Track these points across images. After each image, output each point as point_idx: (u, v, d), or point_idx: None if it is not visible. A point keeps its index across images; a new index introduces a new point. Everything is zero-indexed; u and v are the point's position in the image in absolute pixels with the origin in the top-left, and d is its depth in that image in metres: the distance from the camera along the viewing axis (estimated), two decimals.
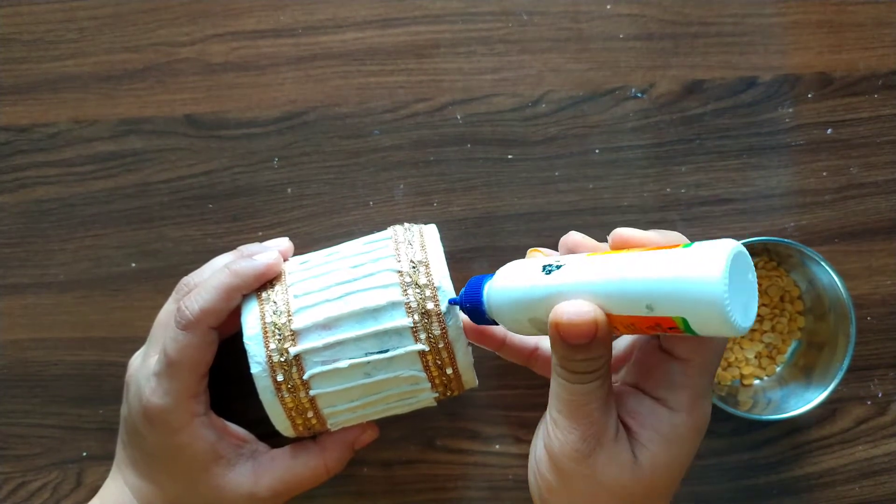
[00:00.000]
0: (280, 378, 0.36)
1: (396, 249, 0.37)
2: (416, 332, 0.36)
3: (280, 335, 0.36)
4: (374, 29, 0.47)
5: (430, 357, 0.36)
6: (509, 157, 0.47)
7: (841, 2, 0.47)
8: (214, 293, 0.36)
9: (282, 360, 0.36)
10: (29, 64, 0.47)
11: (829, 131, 0.47)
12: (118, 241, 0.47)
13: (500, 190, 0.47)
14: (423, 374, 0.37)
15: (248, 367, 0.37)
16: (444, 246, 0.38)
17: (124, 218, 0.47)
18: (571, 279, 0.30)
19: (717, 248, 0.27)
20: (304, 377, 0.36)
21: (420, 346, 0.36)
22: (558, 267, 0.31)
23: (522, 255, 0.46)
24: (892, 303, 0.47)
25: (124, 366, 0.41)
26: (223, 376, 0.42)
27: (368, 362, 0.36)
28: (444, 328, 0.36)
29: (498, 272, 0.34)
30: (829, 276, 0.43)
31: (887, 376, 0.47)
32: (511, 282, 0.33)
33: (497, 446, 0.46)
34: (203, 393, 0.38)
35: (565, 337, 0.30)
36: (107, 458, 0.46)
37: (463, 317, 0.37)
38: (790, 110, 0.47)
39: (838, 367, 0.42)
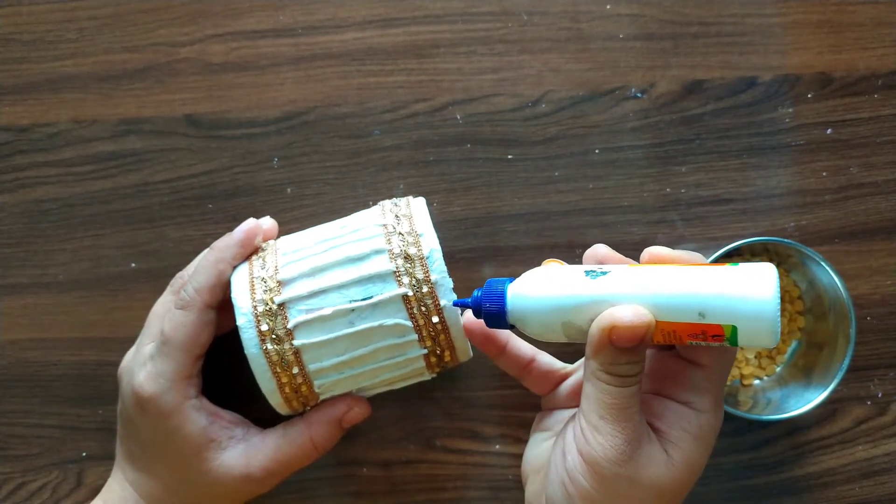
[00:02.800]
0: (264, 327, 0.36)
1: (382, 210, 0.39)
2: (398, 276, 0.36)
3: (266, 287, 0.37)
4: (374, 29, 0.47)
5: (414, 302, 0.36)
6: (509, 157, 0.47)
7: (841, 2, 0.47)
8: (203, 271, 0.38)
9: (266, 309, 0.36)
10: (29, 64, 0.47)
11: (829, 131, 0.47)
12: (118, 241, 0.47)
13: (500, 190, 0.47)
14: (409, 323, 0.36)
15: (248, 367, 0.37)
16: (443, 247, 0.38)
17: (124, 218, 0.47)
18: (622, 287, 0.32)
19: (765, 270, 0.31)
20: (289, 326, 0.36)
21: (403, 290, 0.36)
22: (604, 273, 0.33)
23: (522, 256, 0.46)
24: (892, 303, 0.47)
25: None
26: (224, 378, 0.42)
27: (353, 310, 0.36)
28: (426, 272, 0.36)
29: (523, 276, 0.35)
30: (828, 276, 0.43)
31: (887, 376, 0.47)
32: (549, 287, 0.34)
33: (497, 446, 0.46)
34: (196, 376, 0.39)
35: (618, 340, 0.31)
36: (106, 458, 0.46)
37: (470, 317, 0.37)
38: (790, 110, 0.47)
39: (838, 367, 0.42)
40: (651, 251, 0.34)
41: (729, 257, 0.46)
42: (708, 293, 0.31)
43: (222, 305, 0.39)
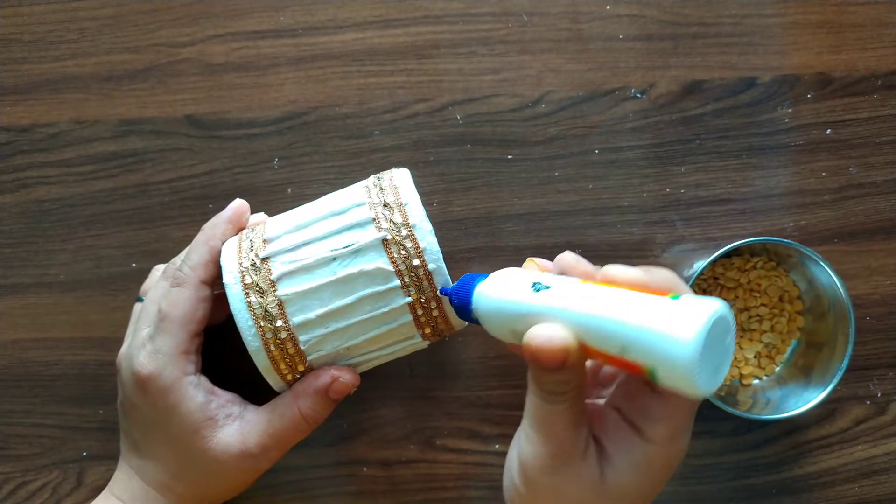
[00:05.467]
0: (248, 280, 0.37)
1: (366, 178, 0.40)
2: (377, 222, 0.37)
3: (251, 245, 0.38)
4: (374, 29, 0.47)
5: (393, 247, 0.36)
6: (509, 157, 0.47)
7: (840, 2, 0.47)
8: (195, 249, 0.40)
9: (251, 264, 0.37)
10: (30, 64, 0.47)
11: (829, 131, 0.47)
12: (119, 241, 0.47)
13: (500, 190, 0.47)
14: (390, 267, 0.36)
15: (250, 366, 0.37)
16: (443, 247, 0.38)
17: (125, 218, 0.47)
18: (555, 304, 0.31)
19: (700, 308, 0.27)
20: (272, 277, 0.37)
21: (382, 234, 0.36)
22: (547, 287, 0.32)
23: (522, 256, 0.47)
24: (891, 303, 0.47)
25: None
26: (225, 377, 0.43)
27: (334, 258, 0.37)
28: (405, 216, 0.36)
29: (491, 276, 0.35)
30: (828, 276, 0.43)
31: (886, 376, 0.47)
32: (500, 292, 0.33)
33: (497, 446, 0.46)
34: (194, 353, 0.39)
35: (536, 359, 0.30)
36: (107, 458, 0.46)
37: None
38: (789, 110, 0.47)
39: (837, 366, 0.42)
40: (606, 271, 0.31)
41: (728, 258, 0.46)
42: (632, 324, 0.28)
43: (218, 297, 0.39)
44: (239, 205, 0.41)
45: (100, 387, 0.47)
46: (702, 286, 0.46)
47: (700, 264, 0.43)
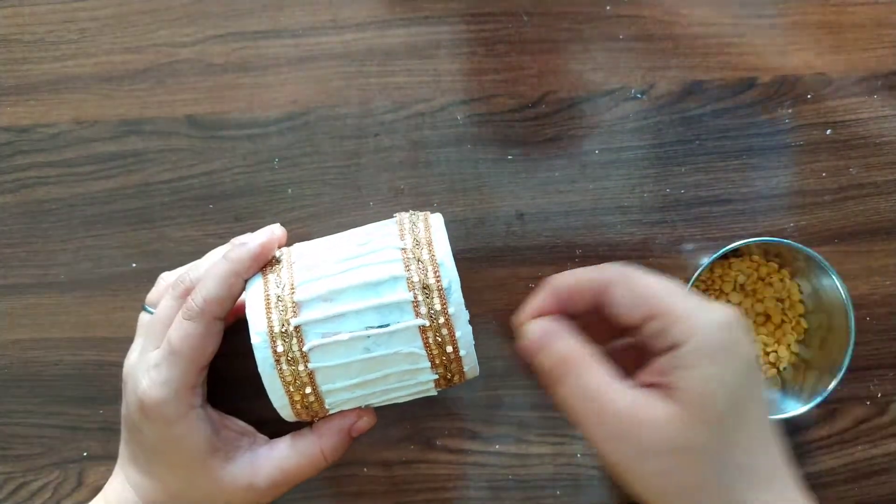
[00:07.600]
0: (280, 349, 0.36)
1: (401, 229, 0.38)
2: (416, 306, 0.36)
3: (282, 306, 0.36)
4: (374, 29, 0.47)
5: (430, 333, 0.36)
6: (509, 157, 0.47)
7: (840, 3, 0.47)
8: (214, 282, 0.37)
9: (282, 330, 0.36)
10: (30, 64, 0.47)
11: (829, 132, 0.47)
12: (119, 241, 0.47)
13: (500, 190, 0.47)
14: (423, 352, 0.36)
15: (254, 367, 0.37)
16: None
17: (125, 218, 0.47)
18: None
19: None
20: (304, 349, 0.36)
21: (420, 321, 0.36)
22: None
23: (522, 256, 0.47)
24: (892, 303, 0.47)
25: None
26: (229, 377, 0.43)
27: (369, 336, 0.36)
28: (444, 303, 0.36)
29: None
30: (828, 276, 0.43)
31: (887, 376, 0.47)
32: None
33: (497, 446, 0.46)
34: (200, 385, 0.39)
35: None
36: (107, 458, 0.46)
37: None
38: (790, 111, 0.47)
39: (837, 367, 0.42)
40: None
41: (728, 258, 0.46)
42: None
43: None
44: (268, 240, 0.38)
45: (100, 387, 0.47)
46: (701, 287, 0.46)
47: (700, 265, 0.44)
